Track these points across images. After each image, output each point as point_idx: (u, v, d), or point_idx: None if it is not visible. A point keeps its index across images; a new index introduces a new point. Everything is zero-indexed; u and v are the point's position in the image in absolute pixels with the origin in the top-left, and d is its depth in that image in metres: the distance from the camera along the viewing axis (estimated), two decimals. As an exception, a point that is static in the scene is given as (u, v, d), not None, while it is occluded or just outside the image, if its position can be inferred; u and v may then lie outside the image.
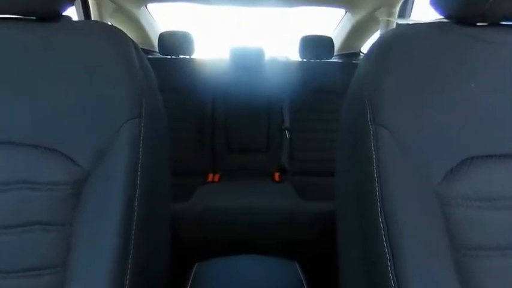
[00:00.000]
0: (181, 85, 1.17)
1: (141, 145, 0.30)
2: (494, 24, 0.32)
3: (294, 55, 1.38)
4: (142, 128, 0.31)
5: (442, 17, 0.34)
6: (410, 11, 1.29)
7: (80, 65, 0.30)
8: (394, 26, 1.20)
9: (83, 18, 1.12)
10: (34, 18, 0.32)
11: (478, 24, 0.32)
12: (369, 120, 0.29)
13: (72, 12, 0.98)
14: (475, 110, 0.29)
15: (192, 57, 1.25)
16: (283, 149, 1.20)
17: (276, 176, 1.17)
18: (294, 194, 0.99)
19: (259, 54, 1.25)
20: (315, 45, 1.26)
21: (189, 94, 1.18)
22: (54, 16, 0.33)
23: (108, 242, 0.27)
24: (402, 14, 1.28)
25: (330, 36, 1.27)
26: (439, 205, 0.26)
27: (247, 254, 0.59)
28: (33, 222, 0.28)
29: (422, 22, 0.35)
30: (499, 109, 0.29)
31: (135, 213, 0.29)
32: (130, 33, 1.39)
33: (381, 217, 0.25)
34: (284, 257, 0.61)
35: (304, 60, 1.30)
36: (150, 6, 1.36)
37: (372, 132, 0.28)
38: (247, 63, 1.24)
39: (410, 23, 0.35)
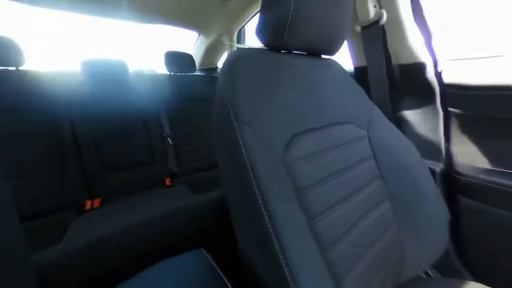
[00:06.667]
0: (14, 104, 0.90)
1: None
2: (290, 52, 0.47)
3: (161, 69, 1.41)
4: None
5: (262, 45, 0.46)
6: (244, 38, 1.73)
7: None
8: (236, 48, 1.55)
9: None
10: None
11: (282, 51, 0.46)
12: (233, 119, 0.34)
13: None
14: (294, 106, 0.42)
15: (21, 68, 0.97)
16: (168, 155, 1.22)
17: (167, 181, 1.17)
18: (186, 192, 1.00)
19: (121, 67, 1.17)
20: (179, 61, 1.35)
21: (30, 115, 0.92)
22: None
23: None
24: (239, 40, 1.69)
25: (189, 53, 1.41)
26: (285, 167, 0.36)
27: (156, 264, 0.57)
28: None
29: (253, 48, 0.44)
30: (303, 104, 0.43)
31: None
32: None
33: (256, 187, 0.31)
34: (193, 248, 0.61)
35: (172, 73, 1.37)
36: None
37: (236, 128, 0.33)
38: (109, 76, 1.13)
39: (246, 47, 0.47)
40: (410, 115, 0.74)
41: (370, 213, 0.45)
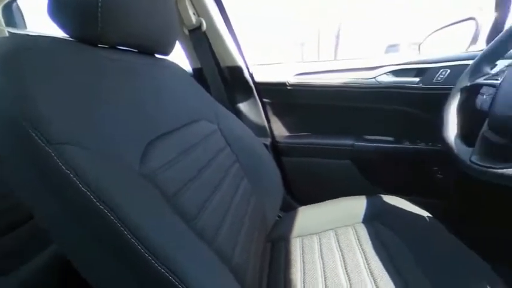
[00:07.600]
0: None
1: None
2: (113, 47, 0.40)
3: None
4: None
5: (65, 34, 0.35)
6: (23, 19, 1.18)
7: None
8: (7, 34, 1.02)
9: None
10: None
11: (100, 45, 0.38)
12: (41, 143, 0.24)
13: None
14: (139, 109, 0.36)
15: None
16: None
17: None
18: None
19: None
20: None
21: None
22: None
23: None
24: (10, 21, 1.12)
25: None
26: (146, 179, 0.31)
27: None
28: None
29: (46, 36, 0.33)
30: (149, 106, 0.38)
31: None
32: None
33: (112, 216, 0.24)
34: None
35: None
36: None
37: (53, 154, 0.24)
38: None
39: (30, 34, 0.33)
40: (243, 106, 0.95)
41: (237, 194, 0.52)
